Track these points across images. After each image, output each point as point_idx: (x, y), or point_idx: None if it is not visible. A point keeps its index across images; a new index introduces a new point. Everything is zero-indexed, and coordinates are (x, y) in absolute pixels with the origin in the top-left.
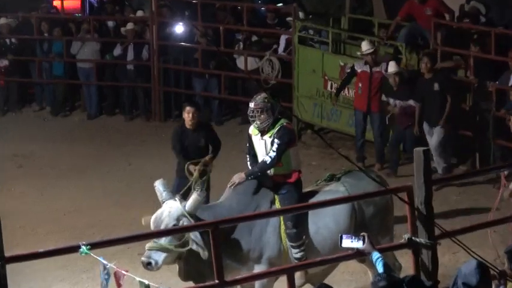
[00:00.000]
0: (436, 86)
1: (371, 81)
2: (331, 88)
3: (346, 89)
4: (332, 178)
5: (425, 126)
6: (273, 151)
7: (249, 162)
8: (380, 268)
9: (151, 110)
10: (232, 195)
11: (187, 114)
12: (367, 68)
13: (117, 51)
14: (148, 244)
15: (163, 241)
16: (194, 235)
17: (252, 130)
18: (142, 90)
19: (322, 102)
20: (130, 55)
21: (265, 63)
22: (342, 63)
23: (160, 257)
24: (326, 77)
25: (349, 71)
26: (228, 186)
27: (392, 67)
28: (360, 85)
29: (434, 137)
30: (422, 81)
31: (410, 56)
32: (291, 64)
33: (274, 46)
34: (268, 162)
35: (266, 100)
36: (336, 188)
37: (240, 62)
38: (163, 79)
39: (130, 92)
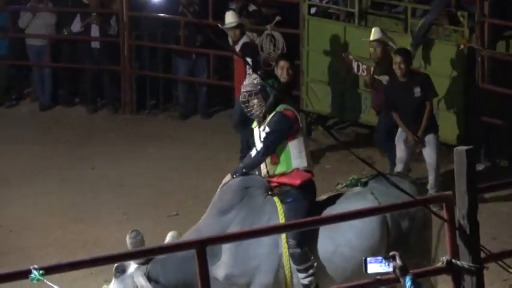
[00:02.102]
0: (417, 92)
1: None
2: (359, 71)
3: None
4: (357, 183)
5: (401, 133)
6: (260, 141)
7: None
8: None
9: (120, 99)
10: (211, 209)
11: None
12: None
13: (76, 25)
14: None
15: (113, 286)
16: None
17: (254, 122)
18: (109, 74)
19: (344, 88)
20: (94, 30)
21: (266, 40)
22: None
23: None
24: (350, 57)
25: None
26: (218, 190)
27: (377, 33)
28: None
29: (429, 152)
30: (397, 86)
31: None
32: (297, 41)
33: (277, 18)
34: (253, 156)
35: (256, 81)
36: (361, 194)
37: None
38: (135, 60)
39: (94, 76)
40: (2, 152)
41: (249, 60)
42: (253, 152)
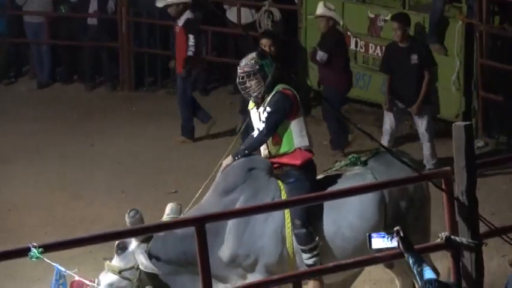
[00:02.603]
0: (414, 59)
1: None
2: (357, 47)
3: (376, 47)
4: (356, 162)
5: (398, 105)
6: (262, 122)
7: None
8: (428, 273)
9: (118, 76)
10: (214, 189)
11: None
12: None
13: None
14: (107, 261)
15: (114, 262)
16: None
17: (250, 103)
18: (107, 51)
19: None
20: (92, 6)
21: (264, 16)
22: (371, 15)
23: (105, 278)
24: (349, 33)
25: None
26: (219, 172)
27: (320, 9)
28: None
29: (420, 122)
30: (396, 50)
31: None
32: (296, 17)
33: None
34: (255, 137)
35: (254, 61)
36: (361, 174)
37: (232, 14)
38: (133, 37)
39: (92, 54)
40: (0, 129)
41: (191, 36)
42: (255, 133)
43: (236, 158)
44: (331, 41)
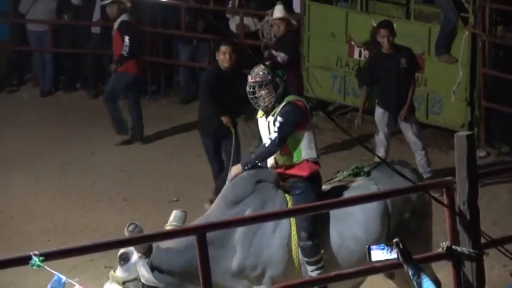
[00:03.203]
0: (403, 62)
1: None
2: (361, 56)
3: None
4: (359, 172)
5: (382, 114)
6: (274, 131)
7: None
8: (427, 284)
9: None
10: (221, 200)
11: (223, 56)
12: None
13: None
14: (111, 271)
15: (118, 273)
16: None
17: (259, 112)
18: (110, 60)
19: (346, 73)
20: (95, 15)
21: (266, 25)
22: (375, 24)
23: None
24: (352, 42)
25: None
26: (227, 182)
27: (279, 11)
28: None
29: (409, 130)
30: (381, 58)
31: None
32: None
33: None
34: (267, 146)
35: (266, 72)
36: (366, 186)
37: (234, 24)
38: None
39: (95, 62)
40: (3, 136)
41: (126, 37)
42: (266, 142)
43: (246, 167)
44: (291, 43)
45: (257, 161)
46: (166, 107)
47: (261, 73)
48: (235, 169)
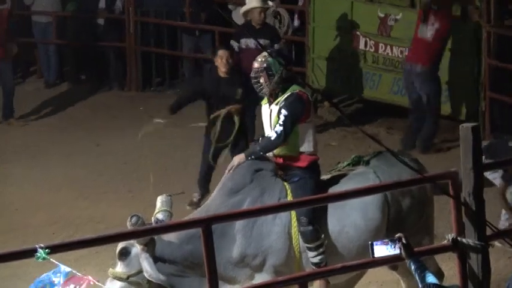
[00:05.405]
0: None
1: None
2: (366, 46)
3: (386, 47)
4: (359, 161)
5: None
6: (280, 125)
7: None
8: (430, 278)
9: (125, 76)
10: (221, 189)
11: (220, 60)
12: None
13: None
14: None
15: (118, 269)
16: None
17: (264, 99)
18: (115, 51)
19: (350, 65)
20: (100, 5)
21: (271, 16)
22: (381, 14)
23: (113, 286)
24: (358, 33)
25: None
26: (227, 171)
27: (255, 1)
28: None
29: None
30: None
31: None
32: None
33: None
34: (273, 139)
35: (264, 59)
36: (364, 174)
37: (237, 15)
38: (140, 36)
39: (99, 54)
40: (7, 129)
41: None
42: (272, 134)
43: (250, 158)
44: (270, 32)
45: (261, 153)
46: (171, 99)
47: (259, 59)
48: (238, 158)
